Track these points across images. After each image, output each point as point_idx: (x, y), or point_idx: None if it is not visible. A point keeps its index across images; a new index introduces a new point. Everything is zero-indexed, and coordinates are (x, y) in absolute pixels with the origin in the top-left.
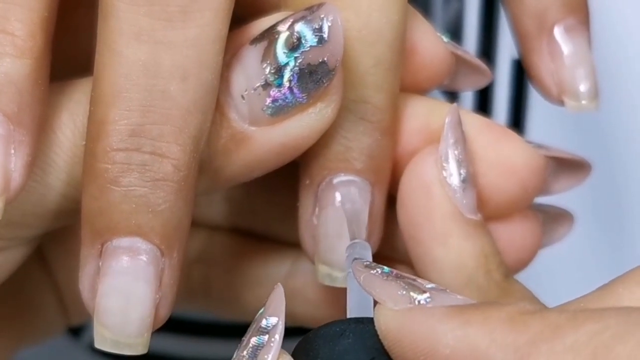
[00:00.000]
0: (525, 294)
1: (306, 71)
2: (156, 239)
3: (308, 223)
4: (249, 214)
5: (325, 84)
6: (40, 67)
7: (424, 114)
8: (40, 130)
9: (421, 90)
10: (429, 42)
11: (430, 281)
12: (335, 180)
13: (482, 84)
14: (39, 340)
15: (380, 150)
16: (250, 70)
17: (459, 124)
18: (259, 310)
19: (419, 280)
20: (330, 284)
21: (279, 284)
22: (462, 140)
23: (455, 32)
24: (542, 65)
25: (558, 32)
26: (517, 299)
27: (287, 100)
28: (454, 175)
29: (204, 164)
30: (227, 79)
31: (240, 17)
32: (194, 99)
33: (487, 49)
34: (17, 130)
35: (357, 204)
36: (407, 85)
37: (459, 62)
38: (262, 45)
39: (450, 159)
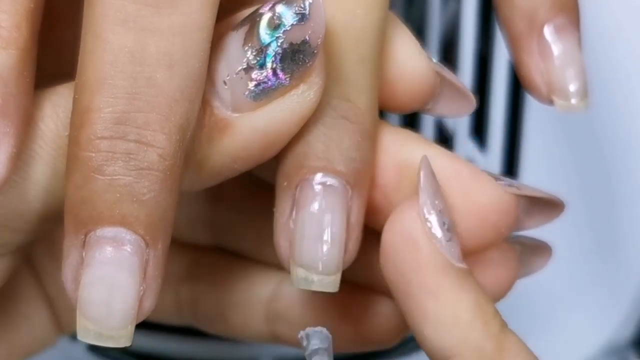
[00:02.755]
0: (521, 347)
1: (288, 51)
2: (140, 229)
3: (284, 227)
4: (234, 235)
5: (308, 64)
6: (26, 59)
7: (394, 148)
8: (26, 122)
9: (399, 108)
10: (410, 55)
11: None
12: (313, 181)
13: (465, 111)
14: (32, 353)
15: (361, 153)
16: (231, 54)
17: (433, 174)
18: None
19: None
20: (306, 287)
21: None
22: (439, 190)
23: (452, 33)
24: (532, 65)
25: (548, 32)
26: (513, 353)
27: (269, 83)
28: (437, 226)
29: (188, 156)
30: (209, 66)
31: (228, 10)
32: (180, 86)
33: (485, 50)
34: (1, 122)
35: (333, 209)
36: (386, 99)
37: (444, 85)
38: (243, 30)
39: (432, 210)
